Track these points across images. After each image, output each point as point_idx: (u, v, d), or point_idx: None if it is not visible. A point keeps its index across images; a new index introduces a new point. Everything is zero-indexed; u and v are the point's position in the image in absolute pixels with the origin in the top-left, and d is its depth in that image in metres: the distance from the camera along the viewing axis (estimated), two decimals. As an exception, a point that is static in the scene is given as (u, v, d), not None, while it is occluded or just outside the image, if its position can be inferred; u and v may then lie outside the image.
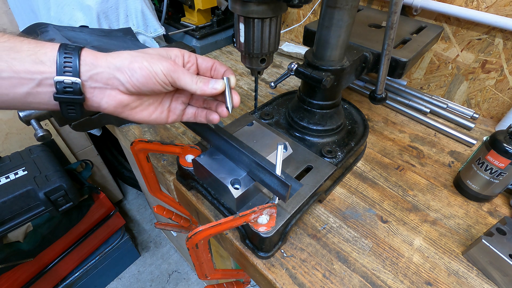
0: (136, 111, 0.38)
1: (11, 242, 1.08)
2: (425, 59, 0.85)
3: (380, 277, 0.46)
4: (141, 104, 0.38)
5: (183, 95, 0.42)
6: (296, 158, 0.56)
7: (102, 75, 0.34)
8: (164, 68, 0.35)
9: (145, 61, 0.35)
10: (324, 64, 0.53)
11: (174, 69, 0.36)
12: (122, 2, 0.83)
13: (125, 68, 0.34)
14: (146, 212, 1.99)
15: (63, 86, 0.32)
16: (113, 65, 0.34)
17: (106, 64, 0.34)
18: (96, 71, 0.34)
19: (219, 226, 0.40)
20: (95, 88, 0.34)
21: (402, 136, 0.73)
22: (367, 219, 0.54)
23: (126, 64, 0.34)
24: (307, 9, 1.07)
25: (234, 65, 1.00)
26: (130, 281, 1.66)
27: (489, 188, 0.55)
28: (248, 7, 0.40)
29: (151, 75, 0.35)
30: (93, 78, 0.34)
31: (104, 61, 0.34)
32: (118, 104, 0.36)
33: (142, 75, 0.34)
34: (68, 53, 0.32)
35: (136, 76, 0.34)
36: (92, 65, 0.33)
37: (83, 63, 0.33)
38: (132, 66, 0.34)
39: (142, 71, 0.34)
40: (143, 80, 0.35)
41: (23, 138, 1.30)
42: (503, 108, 0.77)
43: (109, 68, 0.34)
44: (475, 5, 0.70)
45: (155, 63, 0.35)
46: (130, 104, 0.37)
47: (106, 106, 0.36)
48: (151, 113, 0.40)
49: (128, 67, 0.34)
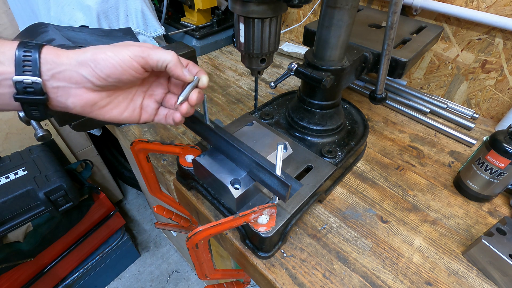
0: (106, 110, 0.36)
1: (11, 242, 1.08)
2: (425, 59, 0.85)
3: (380, 277, 0.46)
4: (110, 102, 0.36)
5: (157, 92, 0.41)
6: (296, 158, 0.56)
7: (65, 73, 0.32)
8: (131, 53, 0.33)
9: (109, 51, 0.33)
10: (324, 64, 0.53)
11: (143, 50, 0.34)
12: (122, 2, 0.83)
13: (88, 61, 0.32)
14: (146, 212, 1.99)
15: (22, 86, 0.30)
16: (75, 60, 0.32)
17: (68, 61, 0.32)
18: (58, 69, 0.32)
19: (219, 226, 0.40)
20: (58, 87, 0.32)
21: (402, 136, 0.73)
22: (367, 219, 0.54)
23: (89, 56, 0.32)
24: (307, 9, 1.07)
25: (234, 65, 1.00)
26: (130, 281, 1.66)
27: (489, 188, 0.55)
28: (248, 7, 0.40)
29: (117, 63, 0.33)
30: (56, 77, 0.32)
31: (66, 58, 0.32)
32: (85, 103, 0.34)
33: (107, 66, 0.32)
34: (28, 51, 0.30)
35: (100, 67, 0.32)
36: (54, 63, 0.32)
37: (43, 61, 0.31)
38: (95, 58, 0.32)
39: (106, 61, 0.32)
40: (108, 70, 0.33)
41: (23, 138, 1.30)
42: (503, 108, 0.77)
43: (71, 64, 0.32)
44: (475, 5, 0.70)
45: (120, 50, 0.33)
46: (98, 103, 0.35)
47: (73, 106, 0.34)
48: (122, 111, 0.38)
49: (90, 59, 0.32)
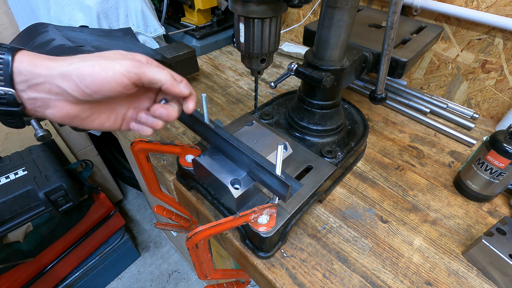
0: (87, 121, 0.34)
1: (11, 242, 1.08)
2: (425, 59, 0.85)
3: (380, 277, 0.46)
4: (92, 113, 0.34)
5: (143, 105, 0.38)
6: (296, 158, 0.56)
7: (43, 86, 0.29)
8: (124, 68, 0.30)
9: (97, 65, 0.29)
10: (324, 64, 0.53)
11: (136, 65, 0.31)
12: (122, 2, 0.83)
13: (72, 74, 0.29)
14: (146, 212, 1.99)
15: None
16: (56, 71, 0.29)
17: (48, 72, 0.29)
18: (35, 81, 0.29)
19: (219, 226, 0.40)
20: (36, 98, 0.30)
21: (402, 136, 0.73)
22: (367, 219, 0.54)
23: (73, 69, 0.29)
24: (307, 9, 1.07)
25: (234, 65, 1.00)
26: (130, 281, 1.66)
27: (489, 188, 0.55)
28: (248, 7, 0.40)
29: (105, 80, 0.30)
30: (33, 88, 0.29)
31: (45, 69, 0.29)
32: (65, 115, 0.32)
33: (93, 82, 0.29)
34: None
35: (86, 83, 0.29)
36: (30, 74, 0.28)
37: (16, 71, 0.28)
38: (80, 72, 0.29)
39: (92, 77, 0.29)
40: (95, 87, 0.30)
41: (23, 138, 1.30)
42: (503, 108, 0.77)
43: (52, 76, 0.29)
44: (475, 5, 0.70)
45: (110, 65, 0.30)
46: (80, 115, 0.33)
47: (52, 117, 0.31)
48: (104, 121, 0.36)
49: (75, 74, 0.29)
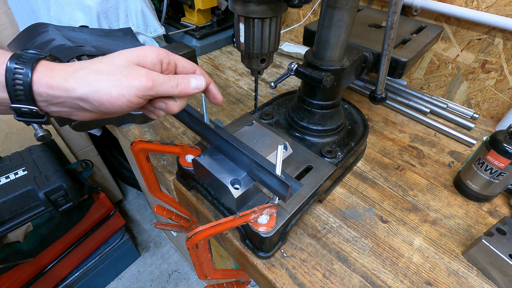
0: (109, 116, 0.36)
1: (11, 242, 1.08)
2: (425, 59, 0.85)
3: (380, 277, 0.46)
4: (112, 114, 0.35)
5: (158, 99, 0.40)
6: (296, 158, 0.56)
7: (64, 104, 0.31)
8: (140, 92, 0.31)
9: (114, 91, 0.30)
10: (324, 64, 0.53)
11: (151, 87, 0.31)
12: (122, 2, 0.83)
13: (90, 99, 0.30)
14: (146, 212, 1.99)
15: (21, 112, 0.30)
16: (74, 94, 0.30)
17: (66, 94, 0.30)
18: (56, 101, 0.30)
19: (219, 226, 0.40)
20: (59, 111, 0.32)
21: (402, 136, 0.73)
22: (367, 219, 0.54)
23: (90, 93, 0.29)
24: (307, 9, 1.07)
25: (234, 65, 1.00)
26: (130, 281, 1.66)
27: (489, 188, 0.55)
28: (248, 7, 0.40)
29: (123, 104, 0.31)
30: (55, 105, 0.31)
31: (63, 91, 0.29)
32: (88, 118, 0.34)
33: (113, 106, 0.31)
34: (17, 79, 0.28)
35: (105, 107, 0.30)
36: (49, 96, 0.30)
37: (36, 93, 0.29)
38: (99, 98, 0.30)
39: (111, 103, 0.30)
40: (113, 110, 0.31)
41: (23, 138, 1.30)
42: (503, 108, 0.77)
43: (71, 98, 0.30)
44: (475, 5, 0.70)
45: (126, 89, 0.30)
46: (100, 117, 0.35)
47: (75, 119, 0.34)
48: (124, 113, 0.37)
49: (93, 99, 0.30)
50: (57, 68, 0.30)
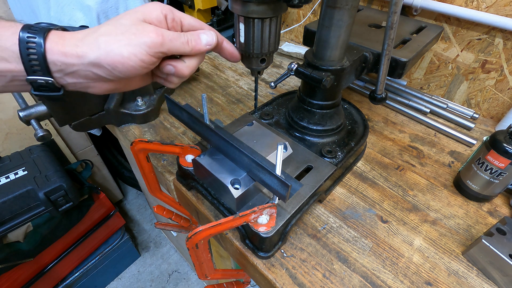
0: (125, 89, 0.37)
1: (11, 242, 1.08)
2: (425, 59, 0.85)
3: (380, 277, 0.46)
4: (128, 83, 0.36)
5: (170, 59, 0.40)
6: (296, 158, 0.56)
7: (79, 73, 0.31)
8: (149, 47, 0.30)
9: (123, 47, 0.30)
10: (324, 64, 0.53)
11: (161, 42, 0.31)
12: (122, 2, 0.83)
13: (103, 63, 0.30)
14: (146, 212, 1.99)
15: (38, 85, 0.30)
16: (87, 60, 0.30)
17: (79, 61, 0.30)
18: (70, 70, 0.30)
19: (219, 226, 0.40)
20: (75, 83, 0.32)
21: (402, 136, 0.73)
22: (367, 219, 0.54)
23: (101, 56, 0.29)
24: (307, 9, 1.07)
25: (234, 65, 1.00)
26: (130, 281, 1.66)
27: (489, 188, 0.55)
28: (248, 7, 0.40)
29: (137, 65, 0.31)
30: (70, 75, 0.31)
31: (76, 58, 0.29)
32: (105, 90, 0.34)
33: (126, 68, 0.31)
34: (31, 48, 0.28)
35: (119, 70, 0.31)
36: (64, 64, 0.30)
37: (51, 61, 0.29)
38: (111, 60, 0.30)
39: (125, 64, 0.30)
40: (128, 72, 0.31)
41: (23, 138, 1.30)
42: (503, 108, 0.77)
43: (83, 65, 0.30)
44: (475, 5, 0.70)
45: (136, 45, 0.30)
46: (117, 88, 0.35)
47: (93, 93, 0.34)
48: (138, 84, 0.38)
49: (106, 62, 0.30)
50: (67, 36, 0.30)
